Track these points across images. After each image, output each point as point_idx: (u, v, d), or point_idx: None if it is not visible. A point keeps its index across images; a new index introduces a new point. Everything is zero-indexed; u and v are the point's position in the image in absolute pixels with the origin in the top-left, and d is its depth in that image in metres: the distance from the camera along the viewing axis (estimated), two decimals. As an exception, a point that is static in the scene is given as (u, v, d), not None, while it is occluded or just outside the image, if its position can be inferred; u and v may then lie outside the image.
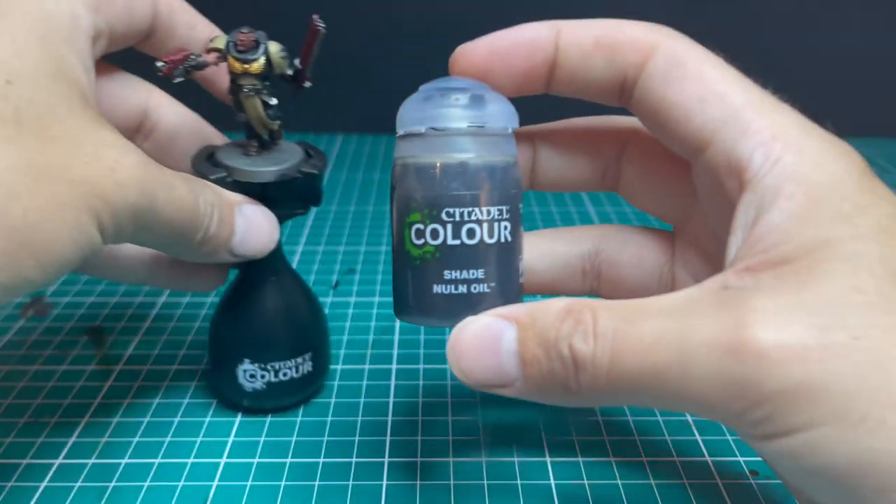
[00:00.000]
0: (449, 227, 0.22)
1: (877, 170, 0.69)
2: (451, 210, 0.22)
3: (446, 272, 0.22)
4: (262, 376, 0.31)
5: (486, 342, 0.20)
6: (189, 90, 0.29)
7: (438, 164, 0.22)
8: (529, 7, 0.63)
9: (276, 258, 0.30)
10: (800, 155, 0.19)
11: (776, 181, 0.19)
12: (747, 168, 0.20)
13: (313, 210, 0.54)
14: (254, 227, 0.27)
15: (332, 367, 0.35)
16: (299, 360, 0.31)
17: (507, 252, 0.23)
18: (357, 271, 0.45)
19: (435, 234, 0.22)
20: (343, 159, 0.64)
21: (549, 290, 0.27)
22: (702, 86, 0.21)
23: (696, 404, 0.18)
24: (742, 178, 0.20)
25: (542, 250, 0.27)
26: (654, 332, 0.18)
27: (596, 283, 0.27)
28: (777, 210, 0.19)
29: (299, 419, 0.32)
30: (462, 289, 0.22)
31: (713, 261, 0.24)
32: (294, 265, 0.45)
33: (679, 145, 0.22)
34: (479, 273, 0.22)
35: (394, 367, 0.35)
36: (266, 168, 0.28)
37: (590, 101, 0.24)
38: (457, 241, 0.22)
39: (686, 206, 0.25)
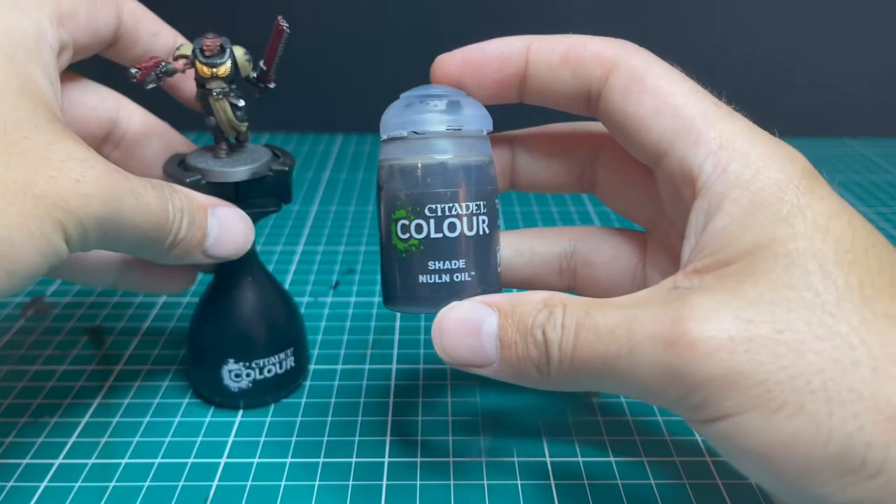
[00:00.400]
0: (432, 221, 0.23)
1: (877, 170, 0.68)
2: (434, 206, 0.23)
3: (430, 263, 0.23)
4: (248, 374, 0.31)
5: (468, 325, 0.22)
6: (154, 98, 0.29)
7: (420, 165, 0.23)
8: (519, 15, 0.63)
9: (250, 258, 0.31)
10: (744, 162, 0.21)
11: (723, 188, 0.21)
12: (699, 177, 0.21)
13: (313, 210, 0.54)
14: (228, 229, 0.27)
15: (333, 366, 0.35)
16: (282, 356, 0.32)
17: (486, 243, 0.24)
18: (357, 271, 0.45)
19: (419, 228, 0.23)
20: (343, 159, 0.64)
21: (527, 286, 0.28)
22: (658, 99, 0.22)
23: (642, 390, 0.20)
24: (694, 186, 0.21)
25: (522, 248, 0.28)
26: (608, 325, 0.20)
27: (573, 281, 0.28)
28: (723, 215, 0.20)
29: (299, 419, 0.32)
30: (445, 278, 0.23)
31: (680, 262, 0.25)
32: (294, 265, 0.46)
33: (640, 154, 0.23)
34: (461, 263, 0.24)
35: (394, 366, 0.35)
36: (237, 168, 0.28)
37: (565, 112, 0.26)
38: (439, 235, 0.23)
39: (655, 209, 0.26)
